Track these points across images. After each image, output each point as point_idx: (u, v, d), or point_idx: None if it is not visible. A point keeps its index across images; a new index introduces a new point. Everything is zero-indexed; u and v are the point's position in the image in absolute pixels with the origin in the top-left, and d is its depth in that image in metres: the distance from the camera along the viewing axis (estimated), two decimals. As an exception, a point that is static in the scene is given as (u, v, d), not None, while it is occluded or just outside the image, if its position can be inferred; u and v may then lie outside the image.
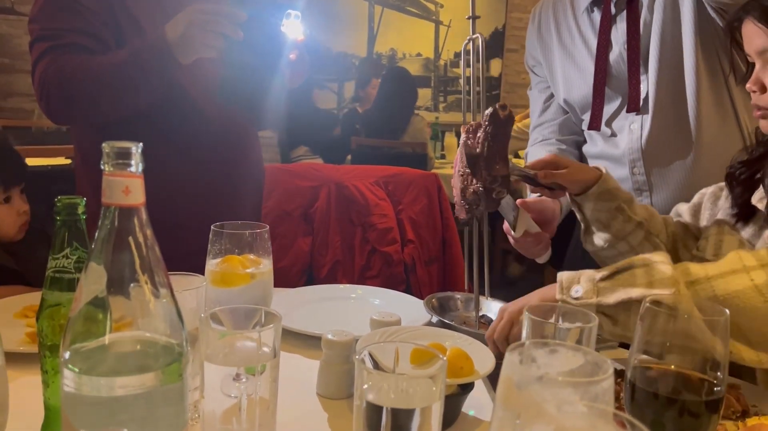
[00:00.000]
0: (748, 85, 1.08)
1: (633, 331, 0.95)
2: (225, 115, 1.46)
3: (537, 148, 1.61)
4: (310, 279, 2.23)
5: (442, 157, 4.86)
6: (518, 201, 1.34)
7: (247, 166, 1.56)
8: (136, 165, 0.58)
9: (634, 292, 0.93)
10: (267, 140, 4.82)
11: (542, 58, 1.57)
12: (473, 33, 1.20)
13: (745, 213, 1.14)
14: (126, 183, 0.57)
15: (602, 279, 0.97)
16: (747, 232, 1.13)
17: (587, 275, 0.99)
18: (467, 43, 1.22)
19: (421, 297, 1.33)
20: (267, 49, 1.27)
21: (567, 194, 1.26)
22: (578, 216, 1.26)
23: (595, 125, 1.46)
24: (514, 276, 4.47)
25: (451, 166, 1.70)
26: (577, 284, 0.98)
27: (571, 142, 1.59)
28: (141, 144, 0.58)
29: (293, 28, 1.29)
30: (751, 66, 1.11)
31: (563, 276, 1.01)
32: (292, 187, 2.21)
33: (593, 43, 1.43)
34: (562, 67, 1.52)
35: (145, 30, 1.37)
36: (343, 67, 6.01)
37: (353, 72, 5.90)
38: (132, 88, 1.31)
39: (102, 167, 0.57)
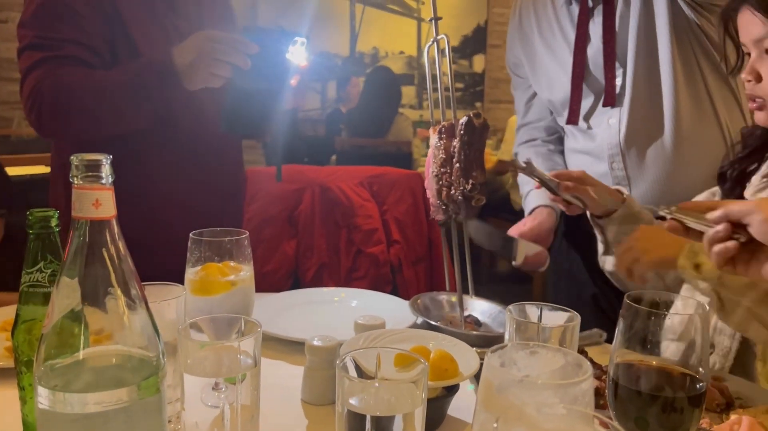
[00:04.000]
0: (743, 75, 1.08)
1: (733, 324, 0.95)
2: (208, 134, 1.43)
3: (524, 149, 1.62)
4: (296, 283, 2.22)
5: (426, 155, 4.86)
6: (514, 233, 1.36)
7: (230, 181, 1.55)
8: (107, 177, 0.57)
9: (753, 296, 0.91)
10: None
11: (523, 55, 1.57)
12: (437, 34, 1.19)
13: None
14: (96, 196, 0.57)
15: None
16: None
17: None
18: (431, 45, 1.21)
19: (409, 297, 1.33)
20: (272, 78, 1.26)
21: (588, 214, 1.26)
22: (599, 237, 1.26)
23: (572, 119, 1.46)
24: (502, 273, 4.48)
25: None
26: (705, 254, 0.85)
27: (557, 141, 1.60)
28: (110, 156, 0.57)
29: (298, 54, 1.27)
30: (741, 56, 1.11)
31: None
32: (276, 191, 2.20)
33: (572, 36, 1.43)
34: (542, 62, 1.52)
35: (139, 47, 1.34)
36: (325, 67, 5.99)
37: (336, 72, 5.89)
38: (133, 108, 1.28)
39: (71, 180, 0.56)
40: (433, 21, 1.21)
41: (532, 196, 1.51)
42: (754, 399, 0.95)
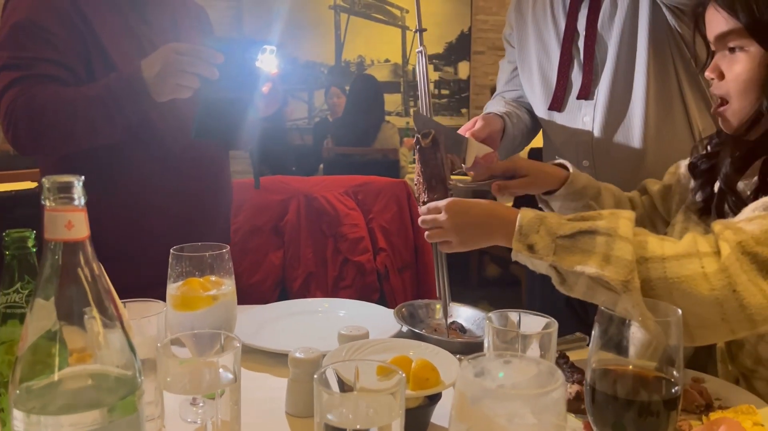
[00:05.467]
0: (707, 73, 1.09)
1: (578, 294, 0.96)
2: (194, 145, 1.44)
3: (491, 103, 1.63)
4: (283, 293, 2.22)
5: (414, 161, 4.88)
6: (465, 132, 1.33)
7: (217, 192, 1.55)
8: (79, 198, 0.57)
9: (588, 268, 0.92)
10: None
11: (515, 30, 1.56)
12: (421, 45, 1.21)
13: (709, 205, 1.15)
14: (69, 217, 0.57)
15: (562, 237, 0.96)
16: (711, 222, 1.14)
17: (548, 227, 0.97)
18: (420, 57, 1.23)
19: (396, 305, 1.33)
20: (242, 87, 1.27)
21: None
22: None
23: (556, 106, 1.46)
24: (491, 277, 4.50)
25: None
26: (535, 234, 0.97)
27: (525, 109, 1.60)
28: (83, 177, 0.58)
29: (268, 62, 1.28)
30: (710, 54, 1.12)
31: (523, 220, 0.99)
32: (262, 201, 2.21)
33: (561, 24, 1.45)
34: (529, 43, 1.52)
35: (115, 62, 1.35)
36: (311, 76, 6.01)
37: (323, 80, 5.91)
38: (106, 122, 1.28)
39: (43, 202, 0.57)
40: (419, 33, 1.23)
41: (489, 106, 1.54)
42: (733, 400, 0.96)
